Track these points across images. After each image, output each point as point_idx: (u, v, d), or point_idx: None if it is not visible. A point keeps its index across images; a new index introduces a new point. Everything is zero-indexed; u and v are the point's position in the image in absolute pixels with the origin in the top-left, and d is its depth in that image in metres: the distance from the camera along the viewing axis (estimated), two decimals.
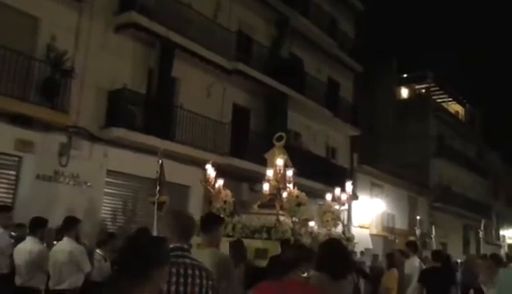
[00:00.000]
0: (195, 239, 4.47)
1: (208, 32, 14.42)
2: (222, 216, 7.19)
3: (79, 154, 11.58)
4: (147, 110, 12.72)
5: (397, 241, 22.96)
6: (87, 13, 12.04)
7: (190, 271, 2.80)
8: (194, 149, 13.26)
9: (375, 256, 14.95)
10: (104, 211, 12.23)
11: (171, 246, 2.95)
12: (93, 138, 11.92)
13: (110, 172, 12.28)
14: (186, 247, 2.95)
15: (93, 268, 6.47)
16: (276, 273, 3.44)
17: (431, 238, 15.21)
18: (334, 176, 18.38)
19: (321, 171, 17.17)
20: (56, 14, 11.37)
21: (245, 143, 15.64)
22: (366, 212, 22.01)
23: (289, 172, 8.64)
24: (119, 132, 11.91)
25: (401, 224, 25.70)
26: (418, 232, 15.33)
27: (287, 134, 16.96)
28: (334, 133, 21.22)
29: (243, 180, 14.83)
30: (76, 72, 11.28)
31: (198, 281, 2.78)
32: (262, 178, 14.57)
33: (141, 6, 12.72)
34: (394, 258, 9.05)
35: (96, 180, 11.92)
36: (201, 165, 13.79)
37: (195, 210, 13.82)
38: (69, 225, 6.20)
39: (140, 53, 13.26)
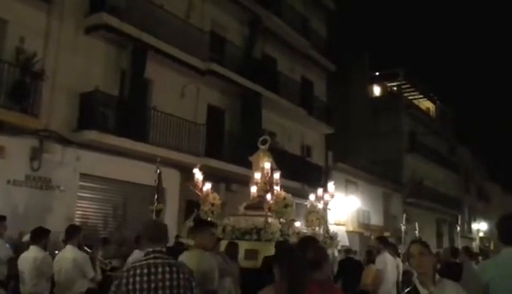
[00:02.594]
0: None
1: (180, 32, 14.33)
2: (209, 218, 7.74)
3: (51, 158, 11.37)
4: (120, 112, 12.56)
5: (372, 237, 23.21)
6: (56, 15, 11.83)
7: (160, 269, 3.23)
8: (168, 151, 13.15)
9: (354, 252, 15.12)
10: (78, 216, 12.03)
11: (146, 250, 3.36)
12: (65, 141, 11.72)
13: (83, 176, 12.09)
14: (157, 249, 3.34)
15: (96, 274, 6.60)
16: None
17: (402, 232, 15.53)
18: (310, 175, 18.53)
19: (296, 170, 17.25)
20: (24, 16, 11.14)
21: (221, 143, 15.61)
22: (342, 209, 22.20)
23: (277, 175, 8.88)
24: (91, 135, 11.73)
25: (376, 220, 26.04)
26: (403, 228, 15.60)
27: (262, 133, 17.09)
28: (309, 132, 21.35)
29: (219, 181, 14.79)
30: (46, 74, 11.08)
31: (168, 275, 3.21)
32: (238, 178, 14.70)
33: (112, 8, 12.56)
34: (372, 255, 9.17)
35: (70, 184, 11.72)
36: (176, 167, 13.80)
37: (172, 211, 13.75)
38: (72, 233, 6.41)
39: (112, 54, 13.09)
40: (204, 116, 15.71)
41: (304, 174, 17.96)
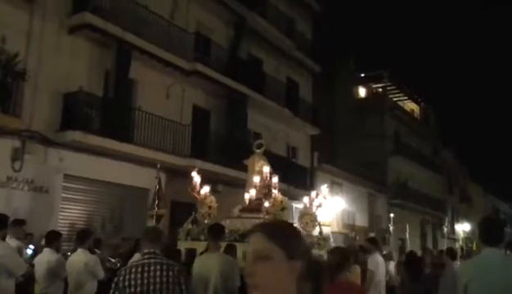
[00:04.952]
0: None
1: (165, 33, 14.26)
2: (206, 221, 8.45)
3: (34, 159, 11.22)
4: (105, 113, 12.45)
5: (357, 238, 23.34)
6: (38, 14, 11.67)
7: (152, 267, 3.84)
8: (153, 152, 13.06)
9: None
10: (62, 217, 11.89)
11: (143, 251, 4.04)
12: (48, 142, 11.57)
13: (67, 177, 11.95)
14: (152, 251, 3.97)
15: (106, 275, 6.86)
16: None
17: (390, 233, 15.76)
18: (296, 176, 18.55)
19: (282, 172, 17.21)
20: (5, 15, 10.96)
21: (206, 144, 15.56)
22: (327, 210, 22.25)
23: (275, 179, 9.17)
24: (74, 135, 11.58)
25: (361, 221, 26.18)
26: (391, 228, 15.89)
27: (248, 134, 17.10)
28: (295, 133, 21.40)
29: (204, 182, 14.69)
30: (29, 74, 10.92)
31: (158, 273, 3.81)
32: (224, 179, 14.66)
33: (96, 7, 12.45)
34: (357, 255, 9.21)
35: (53, 186, 11.58)
36: (161, 167, 13.66)
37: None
38: (83, 237, 6.78)
39: (96, 55, 12.97)
40: (189, 117, 15.64)
41: (290, 175, 17.95)
